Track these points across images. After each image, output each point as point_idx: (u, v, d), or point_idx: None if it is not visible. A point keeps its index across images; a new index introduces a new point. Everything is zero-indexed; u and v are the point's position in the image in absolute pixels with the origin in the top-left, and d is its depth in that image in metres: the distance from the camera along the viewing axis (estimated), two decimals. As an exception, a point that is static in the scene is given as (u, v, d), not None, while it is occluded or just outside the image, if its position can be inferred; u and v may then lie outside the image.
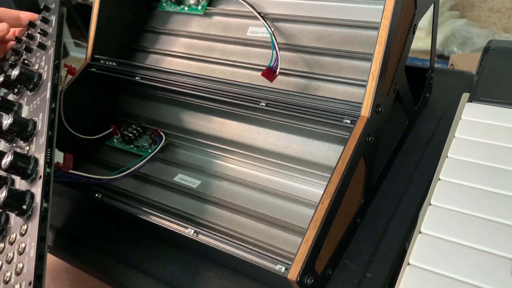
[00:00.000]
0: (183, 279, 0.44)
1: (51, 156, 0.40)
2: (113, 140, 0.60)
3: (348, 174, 0.39)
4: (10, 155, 0.38)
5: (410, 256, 0.32)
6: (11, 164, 0.38)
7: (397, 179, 0.50)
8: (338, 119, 0.42)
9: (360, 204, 0.44)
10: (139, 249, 0.48)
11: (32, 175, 0.38)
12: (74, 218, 0.53)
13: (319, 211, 0.37)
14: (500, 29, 1.89)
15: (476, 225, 0.33)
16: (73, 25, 2.06)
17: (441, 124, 0.56)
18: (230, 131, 0.54)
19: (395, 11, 0.40)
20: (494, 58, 0.47)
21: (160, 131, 0.57)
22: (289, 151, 0.49)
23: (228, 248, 0.41)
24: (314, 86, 0.49)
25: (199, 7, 0.59)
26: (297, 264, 0.35)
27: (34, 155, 0.39)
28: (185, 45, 0.60)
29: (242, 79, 0.53)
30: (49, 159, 0.40)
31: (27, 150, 0.41)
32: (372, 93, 0.40)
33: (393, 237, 0.44)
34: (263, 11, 0.54)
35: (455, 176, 0.37)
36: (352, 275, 0.42)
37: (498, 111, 0.42)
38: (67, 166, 0.48)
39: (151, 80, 0.54)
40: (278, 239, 0.43)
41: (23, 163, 0.38)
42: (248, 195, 0.48)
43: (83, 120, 0.55)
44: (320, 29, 0.51)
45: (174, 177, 0.52)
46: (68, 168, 0.48)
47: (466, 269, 0.31)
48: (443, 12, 1.88)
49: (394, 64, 0.43)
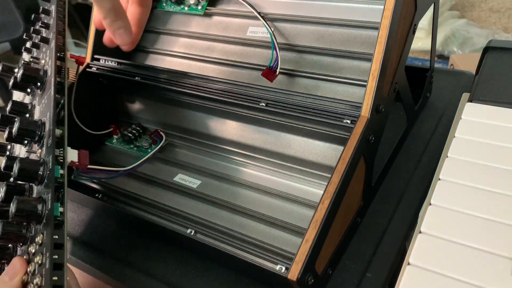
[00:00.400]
0: (183, 279, 0.44)
1: (64, 155, 0.38)
2: (113, 140, 0.60)
3: (348, 174, 0.39)
4: (17, 163, 0.35)
5: (410, 256, 0.32)
6: (20, 172, 0.35)
7: (397, 179, 0.50)
8: (338, 119, 0.42)
9: (360, 204, 0.44)
10: (138, 248, 0.48)
11: (44, 179, 0.36)
12: (72, 218, 0.53)
13: (319, 211, 0.37)
14: (500, 29, 1.89)
15: (476, 225, 0.33)
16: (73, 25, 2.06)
17: (441, 124, 0.56)
18: (230, 131, 0.54)
19: (395, 11, 0.40)
20: (494, 58, 0.47)
21: (160, 131, 0.57)
22: (289, 151, 0.49)
23: (228, 248, 0.41)
24: (314, 86, 0.49)
25: (199, 7, 0.59)
26: (297, 264, 0.35)
27: (44, 158, 0.37)
28: (185, 45, 0.60)
29: (242, 79, 0.53)
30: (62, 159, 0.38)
31: (39, 153, 0.39)
32: (372, 93, 0.40)
33: (393, 237, 0.44)
34: (263, 11, 0.54)
35: (455, 176, 0.37)
36: (352, 275, 0.42)
37: (498, 111, 0.42)
38: (84, 163, 0.44)
39: (151, 80, 0.54)
40: (278, 239, 0.43)
41: (31, 169, 0.36)
42: (248, 195, 0.48)
43: (83, 120, 0.55)
44: (320, 29, 0.51)
45: (174, 177, 0.52)
46: (85, 165, 0.44)
47: (466, 269, 0.31)
48: (443, 12, 1.89)
49: (394, 64, 0.43)
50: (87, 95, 0.58)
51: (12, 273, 0.33)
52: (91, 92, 0.59)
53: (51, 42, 0.46)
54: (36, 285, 0.32)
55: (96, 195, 0.49)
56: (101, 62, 0.58)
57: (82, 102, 0.55)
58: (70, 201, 0.54)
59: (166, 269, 0.45)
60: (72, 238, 0.50)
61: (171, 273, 0.45)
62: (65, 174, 0.37)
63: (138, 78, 0.55)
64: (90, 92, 0.58)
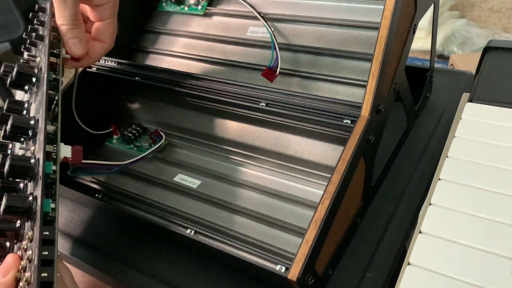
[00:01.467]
0: (183, 279, 0.44)
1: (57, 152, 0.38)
2: (113, 140, 0.60)
3: (348, 174, 0.39)
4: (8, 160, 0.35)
5: (410, 256, 0.32)
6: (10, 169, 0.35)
7: (397, 179, 0.50)
8: (338, 119, 0.42)
9: (360, 204, 0.44)
10: (138, 248, 0.48)
11: (36, 176, 0.36)
12: (72, 217, 0.53)
13: (319, 211, 0.37)
14: (500, 29, 1.89)
15: (476, 225, 0.33)
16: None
17: (441, 124, 0.56)
18: (230, 131, 0.54)
19: (395, 11, 0.40)
20: (494, 58, 0.47)
21: (160, 131, 0.57)
22: (289, 151, 0.49)
23: (228, 248, 0.41)
24: (314, 86, 0.49)
25: (199, 7, 0.59)
26: (297, 264, 0.35)
27: (36, 154, 0.37)
28: (185, 45, 0.60)
29: (242, 79, 0.53)
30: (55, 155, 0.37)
31: (33, 150, 0.38)
32: (372, 93, 0.40)
33: (393, 237, 0.44)
34: (263, 11, 0.54)
35: (455, 176, 0.37)
36: (352, 275, 0.42)
37: (498, 111, 0.42)
38: (77, 159, 0.43)
39: (151, 80, 0.54)
40: (278, 239, 0.43)
41: (22, 165, 0.35)
42: (248, 195, 0.48)
43: (83, 120, 0.55)
44: (320, 29, 0.51)
45: (174, 177, 0.52)
46: (78, 161, 0.43)
47: (466, 269, 0.31)
48: (443, 12, 1.89)
49: (394, 64, 0.43)
50: (87, 95, 0.58)
51: (5, 269, 0.33)
52: (91, 92, 0.59)
53: (45, 39, 0.46)
54: (26, 281, 0.31)
55: (96, 195, 0.49)
56: (101, 62, 0.58)
57: (82, 102, 0.55)
58: (70, 201, 0.54)
59: (166, 269, 0.45)
60: (72, 238, 0.50)
61: (171, 273, 0.45)
62: (57, 170, 0.37)
63: (138, 78, 0.55)
64: (90, 92, 0.58)
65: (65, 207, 0.54)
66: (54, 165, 0.37)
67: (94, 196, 0.49)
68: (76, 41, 0.46)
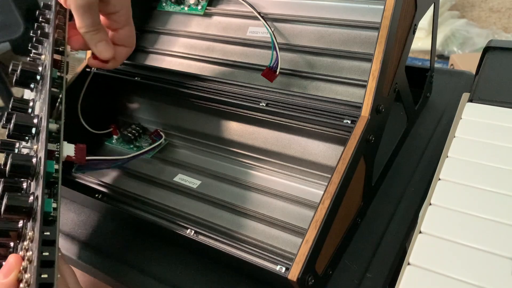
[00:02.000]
0: (184, 279, 0.44)
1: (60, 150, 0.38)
2: (113, 140, 0.60)
3: (349, 174, 0.39)
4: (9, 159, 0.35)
5: (410, 256, 0.32)
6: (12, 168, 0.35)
7: (397, 179, 0.50)
8: (338, 119, 0.42)
9: (360, 204, 0.44)
10: (139, 249, 0.48)
11: (38, 175, 0.35)
12: (72, 218, 0.53)
13: (320, 211, 0.37)
14: (500, 29, 1.89)
15: (476, 225, 0.33)
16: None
17: (441, 124, 0.56)
18: (230, 131, 0.54)
19: (395, 11, 0.40)
20: (494, 58, 0.47)
21: (160, 131, 0.57)
22: (289, 151, 0.49)
23: (228, 248, 0.41)
24: (314, 86, 0.49)
25: (199, 7, 0.59)
26: (297, 264, 0.35)
27: (38, 153, 0.37)
28: (185, 45, 0.60)
29: (242, 79, 0.53)
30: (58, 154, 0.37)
31: (35, 148, 0.38)
32: (372, 93, 0.40)
33: (393, 237, 0.44)
34: (263, 11, 0.54)
35: (455, 176, 0.37)
36: (352, 275, 0.42)
37: (498, 111, 0.42)
38: (80, 158, 0.43)
39: (151, 80, 0.54)
40: (278, 240, 0.43)
41: (23, 164, 0.35)
42: (248, 195, 0.48)
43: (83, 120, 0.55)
44: (320, 29, 0.51)
45: (174, 177, 0.52)
46: (82, 160, 0.43)
47: (466, 269, 0.31)
48: (443, 12, 1.89)
49: (394, 64, 0.43)
50: (87, 95, 0.58)
51: (7, 270, 0.32)
52: (91, 92, 0.59)
53: (50, 36, 0.46)
54: (26, 282, 0.31)
55: (96, 195, 0.49)
56: (101, 62, 0.58)
57: (82, 102, 0.55)
58: (70, 201, 0.54)
59: (166, 269, 0.45)
60: (72, 238, 0.50)
61: (171, 273, 0.45)
62: (60, 169, 0.37)
63: (138, 78, 0.55)
64: (90, 92, 0.58)
65: (65, 207, 0.54)
66: (57, 164, 0.37)
67: (94, 196, 0.49)
68: (104, 43, 0.47)
